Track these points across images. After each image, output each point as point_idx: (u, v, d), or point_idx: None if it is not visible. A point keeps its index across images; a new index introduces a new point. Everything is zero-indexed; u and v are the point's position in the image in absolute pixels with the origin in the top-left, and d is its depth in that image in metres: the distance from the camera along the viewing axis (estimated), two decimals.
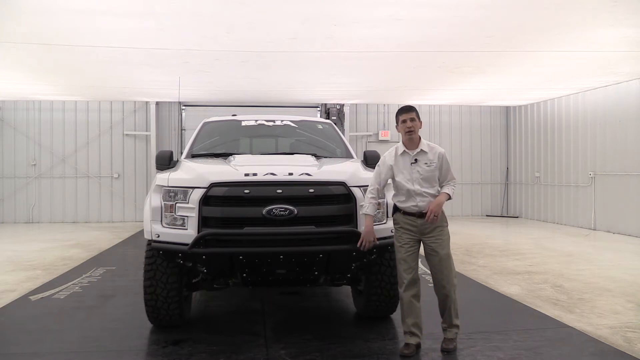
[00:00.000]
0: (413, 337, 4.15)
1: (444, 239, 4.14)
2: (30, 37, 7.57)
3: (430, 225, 4.09)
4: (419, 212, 4.10)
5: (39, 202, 14.46)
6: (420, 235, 4.15)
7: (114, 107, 14.76)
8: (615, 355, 4.16)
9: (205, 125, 6.18)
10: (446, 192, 4.12)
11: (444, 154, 4.19)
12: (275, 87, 12.20)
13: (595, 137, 12.24)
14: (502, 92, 12.95)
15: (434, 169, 4.13)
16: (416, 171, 4.13)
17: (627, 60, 9.12)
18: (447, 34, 7.51)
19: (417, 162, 4.14)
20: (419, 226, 4.13)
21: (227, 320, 5.12)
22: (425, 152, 4.16)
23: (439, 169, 4.15)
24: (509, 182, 15.97)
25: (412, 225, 4.15)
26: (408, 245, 4.16)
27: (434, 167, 4.13)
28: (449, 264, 4.14)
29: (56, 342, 4.52)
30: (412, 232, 4.16)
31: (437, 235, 4.12)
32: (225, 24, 7.11)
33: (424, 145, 4.19)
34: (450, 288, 4.13)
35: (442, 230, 4.15)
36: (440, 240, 4.12)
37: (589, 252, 9.09)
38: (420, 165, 4.13)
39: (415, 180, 4.12)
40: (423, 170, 4.12)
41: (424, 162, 4.13)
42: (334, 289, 6.17)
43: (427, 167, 4.12)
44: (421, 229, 4.13)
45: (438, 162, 4.14)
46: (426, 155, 4.15)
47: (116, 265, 8.01)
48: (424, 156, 4.15)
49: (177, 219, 4.19)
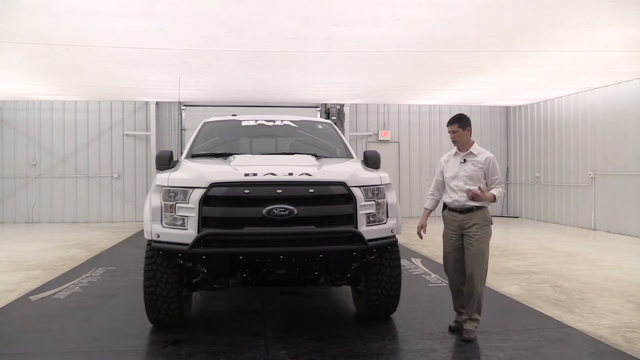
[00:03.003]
0: (460, 315, 4.67)
1: (481, 236, 4.45)
2: (30, 37, 7.57)
3: (469, 221, 4.46)
4: (460, 208, 4.52)
5: (39, 202, 14.47)
6: (461, 230, 4.53)
7: (114, 107, 14.77)
8: (615, 355, 4.16)
9: (205, 125, 6.18)
10: (493, 193, 4.47)
11: (492, 158, 4.60)
12: (275, 87, 12.20)
13: (595, 137, 12.24)
14: (502, 92, 12.95)
15: (479, 169, 4.55)
16: (463, 169, 4.59)
17: (627, 60, 9.12)
18: (447, 34, 7.51)
19: (466, 162, 4.61)
20: (460, 221, 4.53)
21: (227, 320, 5.12)
22: (474, 155, 4.61)
23: (485, 170, 4.55)
24: (509, 182, 15.96)
25: (454, 221, 4.57)
26: (453, 239, 4.58)
27: (479, 168, 4.55)
28: (481, 260, 4.43)
29: (56, 342, 4.52)
30: (454, 227, 4.57)
31: (474, 231, 4.46)
32: (225, 24, 7.11)
33: (475, 148, 4.66)
34: (477, 283, 4.42)
35: (481, 228, 4.46)
36: (477, 236, 4.44)
37: (589, 252, 9.09)
38: (468, 165, 4.59)
39: (460, 177, 4.58)
40: (469, 169, 4.56)
41: (471, 163, 4.59)
42: (334, 289, 6.17)
43: (473, 167, 4.57)
44: (461, 224, 4.52)
45: (485, 165, 4.56)
46: (475, 157, 4.61)
47: (116, 265, 8.01)
48: (472, 157, 4.61)
49: (177, 219, 4.19)
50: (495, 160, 4.62)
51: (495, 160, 4.61)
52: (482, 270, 4.46)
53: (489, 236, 4.52)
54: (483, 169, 4.55)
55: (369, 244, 4.22)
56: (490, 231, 4.54)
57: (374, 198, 4.41)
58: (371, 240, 4.28)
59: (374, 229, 4.36)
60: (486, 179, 4.57)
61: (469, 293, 4.48)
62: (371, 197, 4.39)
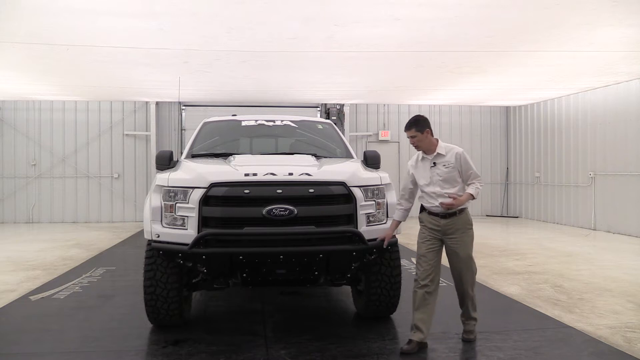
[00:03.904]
0: (417, 332, 4.18)
1: (466, 241, 4.26)
2: (30, 37, 7.57)
3: (453, 226, 4.21)
4: (442, 213, 4.22)
5: (39, 202, 14.46)
6: (443, 235, 4.25)
7: (114, 107, 14.76)
8: (615, 355, 4.16)
9: (205, 125, 6.18)
10: (469, 193, 4.17)
11: (461, 153, 4.26)
12: (275, 87, 12.20)
13: (595, 137, 12.24)
14: (502, 92, 12.95)
15: (451, 170, 4.22)
16: (436, 174, 4.25)
17: (627, 60, 9.12)
18: (447, 34, 7.51)
19: (436, 165, 4.27)
20: (442, 226, 4.23)
21: (227, 320, 5.12)
22: (443, 155, 4.26)
23: (458, 168, 4.23)
24: (509, 182, 15.97)
25: (436, 225, 4.26)
26: (429, 242, 4.28)
27: (451, 168, 4.22)
28: (469, 265, 4.30)
29: (56, 342, 4.52)
30: (434, 231, 4.27)
31: (458, 237, 4.23)
32: (225, 24, 7.11)
33: (441, 148, 4.30)
34: (468, 287, 4.33)
35: (464, 233, 4.25)
36: (461, 242, 4.23)
37: (589, 252, 9.09)
38: (439, 168, 4.25)
39: (435, 183, 4.24)
40: (442, 172, 4.23)
41: (442, 165, 4.25)
42: (334, 289, 6.17)
43: (445, 169, 4.23)
44: (444, 229, 4.23)
45: (456, 163, 4.22)
46: (443, 157, 4.26)
47: (116, 265, 8.01)
48: (442, 158, 4.26)
49: (177, 219, 4.19)
50: (465, 154, 4.28)
51: (465, 155, 4.27)
52: (472, 273, 4.36)
53: (472, 239, 4.33)
54: (456, 168, 4.23)
55: (369, 244, 4.23)
56: (473, 233, 4.33)
57: (374, 198, 4.41)
58: (371, 240, 4.29)
59: (374, 229, 4.36)
60: (461, 177, 4.27)
61: (461, 297, 4.41)
62: (371, 197, 4.40)
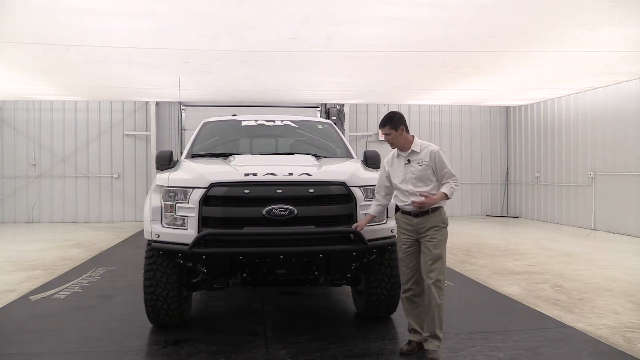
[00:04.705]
0: (415, 334, 4.21)
1: (439, 240, 4.07)
2: (30, 37, 7.57)
3: (425, 224, 4.07)
4: (414, 211, 4.10)
5: (39, 202, 14.46)
6: (417, 234, 4.13)
7: (114, 107, 14.76)
8: (615, 355, 4.16)
9: (205, 125, 6.18)
10: (443, 192, 4.04)
11: (436, 151, 4.13)
12: (275, 87, 12.19)
13: (595, 137, 12.24)
14: (502, 92, 12.95)
15: (425, 168, 4.11)
16: (409, 172, 4.15)
17: (627, 60, 9.12)
18: (447, 34, 7.51)
19: (410, 163, 4.16)
20: (415, 225, 4.12)
21: (227, 320, 5.12)
22: (417, 152, 4.16)
23: (432, 167, 4.11)
24: (509, 182, 15.96)
25: (409, 225, 4.15)
26: (406, 245, 4.19)
27: (425, 166, 4.11)
28: (440, 266, 4.03)
29: (56, 342, 4.52)
30: (409, 231, 4.16)
31: (431, 234, 4.07)
32: (225, 24, 7.11)
33: (416, 145, 4.20)
34: (436, 292, 4.00)
35: (438, 231, 4.08)
36: (434, 240, 4.06)
37: (589, 252, 9.09)
38: (413, 165, 4.14)
39: (408, 181, 4.13)
40: (416, 170, 4.12)
41: (416, 162, 4.14)
42: (334, 289, 6.17)
43: (419, 167, 4.12)
44: (417, 228, 4.11)
45: (430, 161, 4.11)
46: (418, 155, 4.16)
47: (116, 265, 8.01)
48: (416, 156, 4.16)
49: (177, 219, 4.19)
50: (441, 152, 4.14)
51: (441, 153, 4.13)
52: (442, 277, 4.04)
53: (446, 239, 4.13)
54: (430, 166, 4.10)
55: (369, 244, 4.22)
56: (446, 233, 4.14)
57: (374, 198, 4.41)
58: (371, 240, 4.28)
59: (374, 229, 4.35)
60: (436, 175, 4.13)
61: (428, 304, 4.04)
62: (371, 197, 4.39)
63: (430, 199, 4.01)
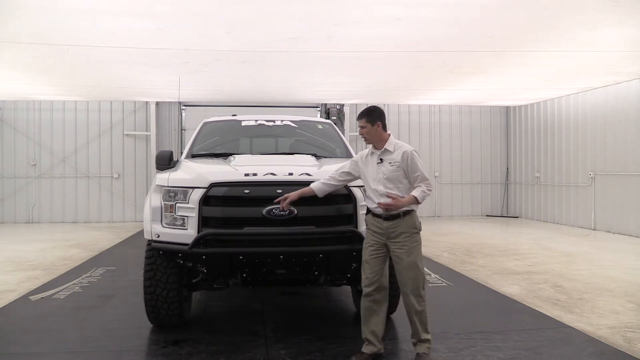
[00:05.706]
0: (369, 345, 4.00)
1: (411, 246, 3.85)
2: (30, 37, 7.57)
3: (396, 229, 3.85)
4: (384, 214, 3.87)
5: (39, 202, 14.46)
6: (386, 239, 3.90)
7: (114, 107, 14.76)
8: (615, 355, 4.16)
9: (205, 125, 6.18)
10: (413, 195, 3.80)
11: (409, 152, 3.90)
12: (275, 87, 12.20)
13: (595, 137, 12.24)
14: (502, 92, 12.95)
15: (396, 169, 3.89)
16: (381, 171, 3.93)
17: (627, 60, 9.12)
18: (447, 34, 7.51)
19: (382, 162, 3.94)
20: (385, 229, 3.88)
21: (227, 320, 5.12)
22: (390, 152, 3.95)
23: (404, 168, 3.89)
24: (509, 182, 15.96)
25: (379, 228, 3.91)
26: (372, 248, 3.95)
27: (396, 167, 3.89)
28: (415, 274, 3.85)
29: (56, 342, 4.52)
30: (378, 234, 3.92)
31: (402, 241, 3.85)
32: (225, 24, 7.11)
33: (390, 144, 3.98)
34: (414, 300, 3.85)
35: (409, 237, 3.86)
36: (406, 246, 3.84)
37: (589, 252, 9.09)
38: (385, 165, 3.92)
39: (379, 181, 3.92)
40: (387, 171, 3.90)
41: (388, 162, 3.92)
42: (334, 289, 6.17)
43: (391, 167, 3.90)
44: (387, 232, 3.88)
45: (402, 162, 3.88)
46: (390, 154, 3.94)
47: (116, 265, 8.01)
48: (389, 155, 3.95)
49: (177, 219, 4.19)
50: (414, 154, 3.90)
51: (414, 155, 3.89)
52: (418, 285, 3.85)
53: (419, 245, 3.91)
54: (401, 167, 3.87)
55: None
56: (419, 239, 3.92)
57: None
58: None
59: None
60: (408, 178, 3.91)
61: (407, 313, 3.93)
62: None
63: (399, 201, 3.78)
